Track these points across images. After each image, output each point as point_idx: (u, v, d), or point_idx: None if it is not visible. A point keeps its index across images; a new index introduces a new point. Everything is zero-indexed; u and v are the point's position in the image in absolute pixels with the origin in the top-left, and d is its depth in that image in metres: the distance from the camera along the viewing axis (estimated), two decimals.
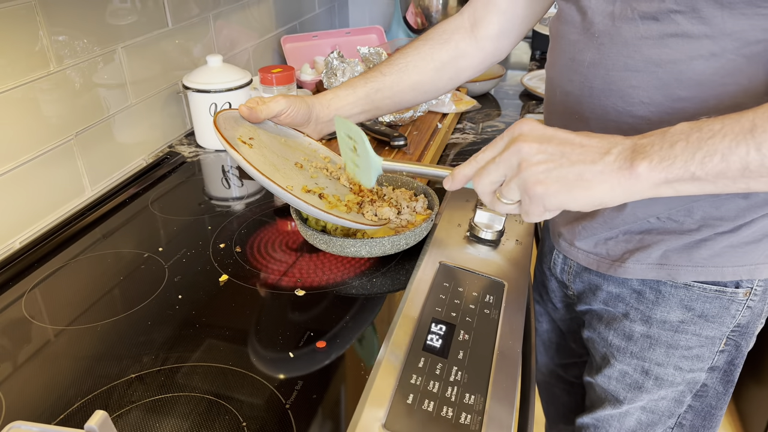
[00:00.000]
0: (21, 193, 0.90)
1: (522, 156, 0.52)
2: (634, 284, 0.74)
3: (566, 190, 0.51)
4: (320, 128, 0.86)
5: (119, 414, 0.58)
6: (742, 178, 0.47)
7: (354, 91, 0.84)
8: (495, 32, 0.85)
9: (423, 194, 0.89)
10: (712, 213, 0.65)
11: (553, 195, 0.51)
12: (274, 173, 0.74)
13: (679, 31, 0.57)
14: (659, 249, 0.69)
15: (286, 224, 0.92)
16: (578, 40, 0.66)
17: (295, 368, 0.64)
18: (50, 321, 0.72)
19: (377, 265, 0.81)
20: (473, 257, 0.79)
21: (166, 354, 0.66)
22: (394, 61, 0.86)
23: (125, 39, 1.07)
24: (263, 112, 0.79)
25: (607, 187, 0.50)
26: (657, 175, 0.49)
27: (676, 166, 0.48)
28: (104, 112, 1.05)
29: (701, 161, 0.47)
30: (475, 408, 0.56)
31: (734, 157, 0.46)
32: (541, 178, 0.51)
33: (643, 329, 0.75)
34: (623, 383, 0.79)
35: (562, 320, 0.95)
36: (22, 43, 0.87)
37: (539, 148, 0.52)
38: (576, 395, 1.03)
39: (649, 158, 0.49)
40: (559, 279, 0.85)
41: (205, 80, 1.14)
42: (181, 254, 0.85)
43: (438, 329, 0.65)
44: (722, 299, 0.70)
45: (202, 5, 1.28)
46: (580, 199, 0.51)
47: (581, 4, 0.65)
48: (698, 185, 0.49)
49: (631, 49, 0.61)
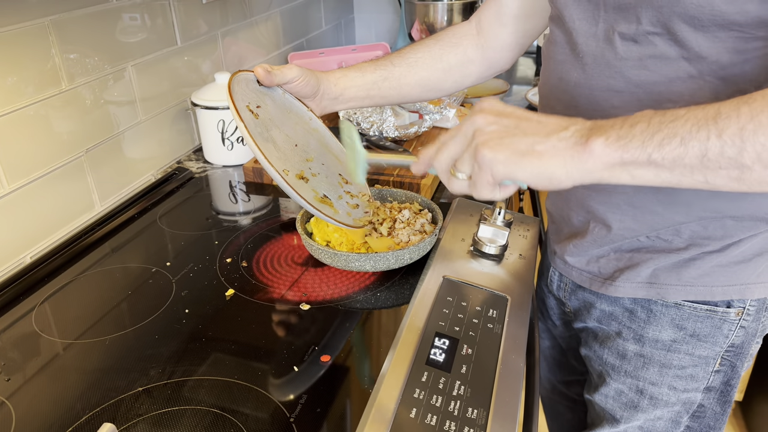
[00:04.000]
0: (32, 208, 0.91)
1: (476, 126, 0.53)
2: (626, 303, 0.73)
3: (515, 158, 0.50)
4: (324, 105, 0.86)
5: (126, 427, 0.59)
6: (700, 167, 0.46)
7: (363, 75, 0.85)
8: (499, 44, 0.86)
9: (427, 209, 0.89)
10: (699, 232, 0.64)
11: (501, 162, 0.51)
12: (273, 153, 0.74)
13: (657, 52, 0.57)
14: (648, 268, 0.68)
15: (291, 239, 0.93)
16: (565, 60, 0.67)
17: (299, 382, 0.64)
18: (59, 335, 0.73)
19: (381, 280, 0.82)
20: (477, 272, 0.79)
21: (172, 367, 0.67)
22: (405, 54, 0.87)
23: (135, 57, 1.09)
24: (278, 76, 0.80)
25: (559, 161, 0.49)
26: (612, 154, 0.47)
27: (632, 145, 0.47)
28: (114, 129, 1.07)
29: (659, 143, 0.46)
30: (478, 423, 0.56)
31: (693, 142, 0.45)
32: (492, 144, 0.51)
33: (636, 348, 0.74)
34: (619, 402, 0.79)
35: (562, 337, 0.94)
36: (35, 62, 0.89)
37: (495, 120, 0.52)
38: (579, 412, 1.03)
39: (605, 135, 0.48)
40: (556, 296, 0.86)
41: (213, 97, 1.16)
42: (188, 269, 0.86)
43: (441, 343, 0.66)
44: (714, 319, 0.69)
45: (211, 23, 1.30)
46: (528, 170, 0.50)
47: (567, 26, 0.66)
48: (654, 171, 0.47)
49: (613, 70, 0.61)
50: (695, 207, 0.63)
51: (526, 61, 2.00)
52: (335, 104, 0.86)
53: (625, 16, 0.59)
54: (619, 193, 0.66)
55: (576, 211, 0.73)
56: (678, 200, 0.63)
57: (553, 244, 0.80)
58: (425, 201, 0.90)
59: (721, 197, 0.61)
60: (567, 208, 0.74)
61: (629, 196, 0.66)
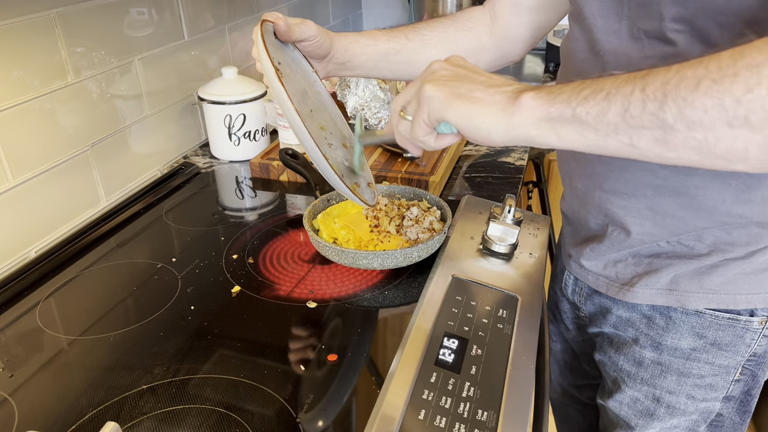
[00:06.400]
0: (37, 202, 0.91)
1: (430, 70, 0.55)
2: (644, 309, 0.71)
3: (451, 99, 0.51)
4: (330, 68, 0.83)
5: (130, 425, 0.58)
6: (623, 125, 0.44)
7: (375, 43, 0.83)
8: (511, 34, 0.85)
9: (436, 206, 0.88)
10: (723, 238, 0.62)
11: (437, 99, 0.52)
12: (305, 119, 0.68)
13: (679, 50, 0.56)
14: (669, 274, 0.66)
15: (298, 235, 0.92)
16: (586, 58, 0.66)
17: (306, 381, 0.63)
18: (64, 331, 0.73)
19: (389, 278, 0.81)
20: (486, 270, 0.78)
21: (177, 365, 0.66)
22: (420, 30, 0.85)
23: (142, 51, 1.08)
24: (296, 32, 0.76)
25: (490, 110, 0.50)
26: (538, 107, 0.47)
27: (559, 99, 0.46)
28: (120, 123, 1.06)
29: (585, 98, 0.45)
30: (488, 425, 0.55)
31: (617, 97, 0.44)
32: (436, 84, 0.53)
33: (653, 356, 0.72)
34: (634, 410, 0.77)
35: (575, 341, 0.93)
36: (41, 55, 0.88)
37: (450, 68, 0.55)
38: (590, 416, 1.01)
39: (536, 91, 0.48)
40: (571, 300, 0.84)
41: (220, 92, 1.15)
42: (194, 265, 0.85)
43: (450, 343, 0.64)
44: (736, 327, 0.67)
45: (218, 17, 1.29)
46: (459, 113, 0.51)
47: (587, 23, 0.64)
48: (579, 130, 0.46)
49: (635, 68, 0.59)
50: (719, 212, 0.61)
51: (534, 58, 1.98)
52: (341, 69, 0.84)
53: (647, 12, 0.57)
54: (639, 197, 0.64)
55: (593, 214, 0.71)
56: (701, 205, 0.61)
57: (569, 247, 0.78)
58: (434, 198, 0.89)
59: (747, 203, 0.59)
60: (584, 211, 0.72)
61: (649, 200, 0.64)
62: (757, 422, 1.69)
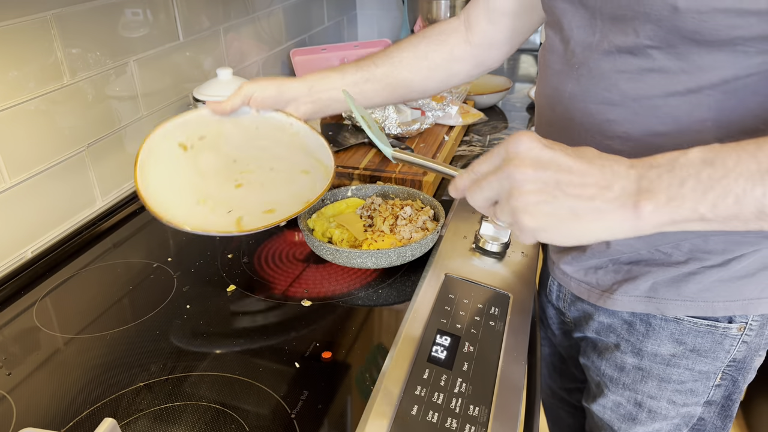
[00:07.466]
0: (33, 203, 0.91)
1: (513, 183, 0.48)
2: (625, 315, 0.72)
3: (557, 225, 0.47)
4: (303, 109, 0.84)
5: (127, 422, 0.59)
6: (756, 220, 0.44)
7: (343, 77, 0.83)
8: (487, 41, 0.84)
9: (429, 206, 0.89)
10: (700, 246, 0.62)
11: (542, 230, 0.48)
12: (185, 189, 0.79)
13: (655, 66, 0.55)
14: (647, 281, 0.66)
15: (293, 235, 0.93)
16: (561, 70, 0.65)
17: (300, 378, 0.64)
18: (60, 330, 0.73)
19: (383, 277, 0.82)
20: (479, 269, 0.79)
21: (173, 363, 0.67)
22: (389, 54, 0.85)
23: (137, 52, 1.09)
24: (227, 104, 0.80)
25: (605, 224, 0.47)
26: (662, 217, 0.45)
27: (684, 207, 0.44)
28: (116, 124, 1.06)
29: (713, 203, 0.43)
30: (480, 420, 0.56)
31: (749, 200, 0.43)
32: (531, 210, 0.47)
33: (634, 361, 0.73)
34: (617, 413, 0.77)
35: (562, 346, 0.93)
36: (37, 56, 0.89)
37: (533, 176, 0.47)
38: (580, 418, 1.02)
39: (655, 199, 0.45)
40: (556, 306, 0.84)
41: (215, 93, 1.16)
42: (189, 264, 0.86)
43: (443, 341, 0.65)
44: (714, 334, 0.67)
45: (213, 18, 1.30)
46: (572, 235, 0.48)
47: (564, 34, 0.64)
48: (706, 225, 0.45)
49: (609, 82, 0.59)
50: None
51: (528, 58, 1.99)
52: (317, 107, 0.85)
53: (621, 29, 0.56)
54: None
55: None
56: None
57: (552, 254, 0.78)
58: (427, 198, 0.90)
59: None
60: None
61: None
62: (750, 423, 1.71)
